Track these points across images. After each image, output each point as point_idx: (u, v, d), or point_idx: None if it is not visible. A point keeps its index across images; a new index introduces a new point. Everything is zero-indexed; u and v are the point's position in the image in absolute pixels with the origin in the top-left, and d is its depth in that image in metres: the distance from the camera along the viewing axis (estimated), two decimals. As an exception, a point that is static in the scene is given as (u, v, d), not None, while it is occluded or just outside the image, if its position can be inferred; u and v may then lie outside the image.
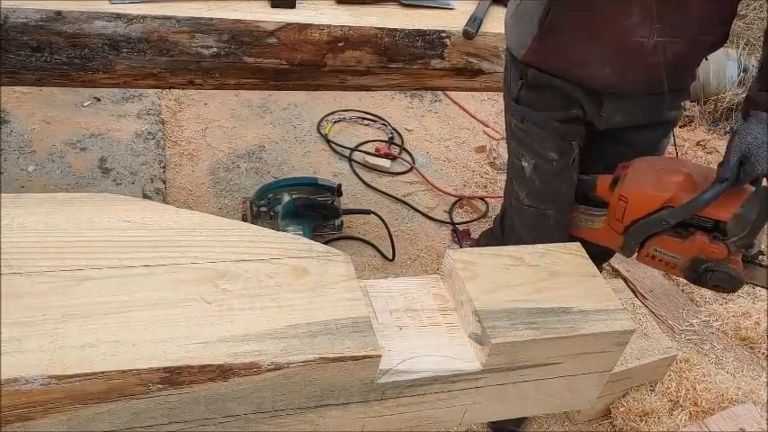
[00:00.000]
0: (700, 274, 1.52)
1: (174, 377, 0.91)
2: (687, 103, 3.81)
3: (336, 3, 2.18)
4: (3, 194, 1.12)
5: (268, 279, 1.08)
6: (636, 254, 1.64)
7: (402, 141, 3.55)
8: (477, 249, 1.32)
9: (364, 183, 3.23)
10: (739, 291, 1.56)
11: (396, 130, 3.60)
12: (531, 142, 1.73)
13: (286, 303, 1.04)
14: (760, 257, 1.54)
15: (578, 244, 1.36)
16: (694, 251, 1.52)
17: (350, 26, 2.07)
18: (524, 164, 1.75)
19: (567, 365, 1.20)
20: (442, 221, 3.13)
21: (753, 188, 1.50)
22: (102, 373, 0.88)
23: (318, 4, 2.15)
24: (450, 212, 3.17)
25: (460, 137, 3.70)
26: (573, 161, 1.71)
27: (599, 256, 1.77)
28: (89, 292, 0.98)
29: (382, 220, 2.93)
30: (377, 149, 3.42)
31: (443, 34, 2.15)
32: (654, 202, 1.54)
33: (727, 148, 1.50)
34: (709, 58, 2.29)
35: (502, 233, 1.94)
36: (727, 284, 1.51)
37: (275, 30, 2.02)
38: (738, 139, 1.46)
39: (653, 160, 1.64)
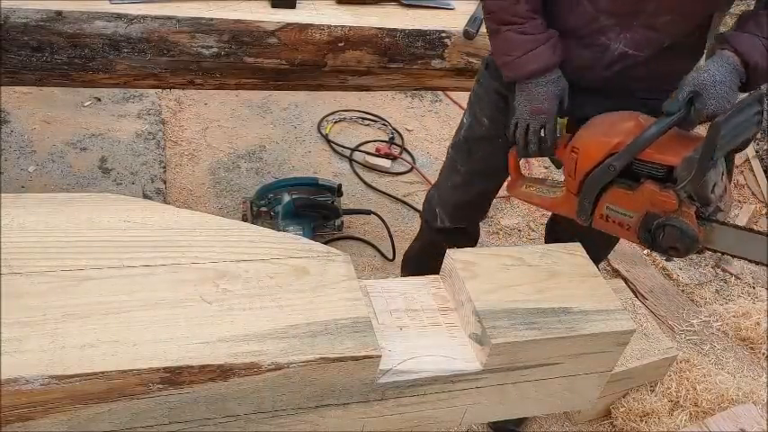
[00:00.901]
0: (652, 232, 1.39)
1: (174, 377, 0.91)
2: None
3: (336, 3, 2.18)
4: (3, 194, 1.12)
5: (268, 279, 1.08)
6: (591, 218, 1.53)
7: (402, 141, 3.54)
8: (477, 249, 1.32)
9: (364, 183, 3.23)
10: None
11: (396, 130, 3.60)
12: (476, 104, 1.80)
13: (286, 303, 1.04)
14: (719, 214, 1.37)
15: (578, 244, 1.36)
16: (645, 203, 1.38)
17: (350, 26, 2.07)
18: (464, 120, 1.85)
19: (567, 366, 1.20)
20: (442, 221, 3.13)
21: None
22: (102, 373, 0.88)
23: (318, 4, 2.15)
24: (450, 212, 3.17)
25: (461, 137, 3.70)
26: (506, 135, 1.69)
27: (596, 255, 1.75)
28: (89, 292, 0.98)
29: (382, 220, 2.93)
30: (377, 149, 3.42)
31: (444, 34, 2.15)
32: (602, 148, 1.43)
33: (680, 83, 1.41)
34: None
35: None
36: (679, 243, 1.36)
37: (275, 30, 2.02)
38: (693, 75, 1.35)
39: (610, 114, 1.52)
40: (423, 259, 2.31)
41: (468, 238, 2.14)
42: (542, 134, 1.54)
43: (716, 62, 1.34)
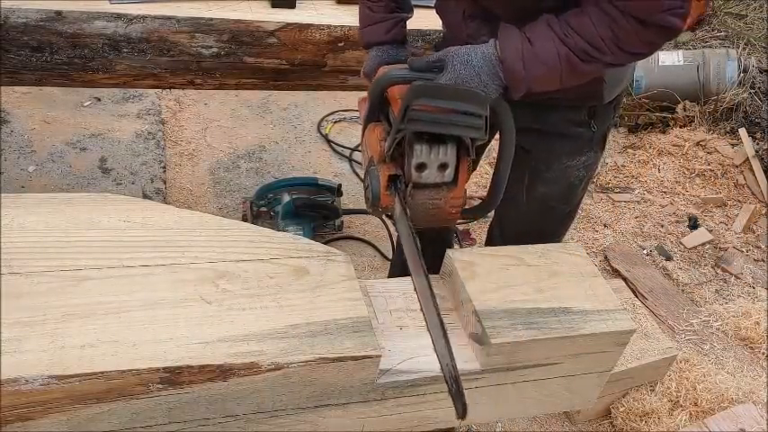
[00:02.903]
0: (365, 175, 1.34)
1: (174, 377, 0.91)
2: (687, 103, 3.81)
3: (336, 3, 2.18)
4: (3, 194, 1.12)
5: (268, 279, 1.08)
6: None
7: (402, 141, 3.55)
8: (477, 249, 1.32)
9: (364, 183, 3.23)
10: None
11: (396, 130, 3.60)
12: None
13: (286, 303, 1.04)
14: (415, 192, 1.26)
15: (578, 244, 1.36)
16: (372, 143, 1.33)
17: (350, 26, 2.07)
18: None
19: (566, 365, 1.20)
20: (442, 221, 3.12)
21: None
22: (102, 373, 0.88)
23: (318, 4, 2.15)
24: (450, 212, 3.17)
25: (460, 137, 3.69)
26: None
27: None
28: (89, 292, 0.98)
29: (382, 221, 2.93)
30: (377, 149, 3.42)
31: (443, 34, 2.15)
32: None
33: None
34: (710, 58, 2.26)
35: None
36: (369, 191, 1.31)
37: (275, 30, 2.02)
38: (453, 48, 1.27)
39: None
40: (395, 262, 2.30)
41: (432, 241, 2.09)
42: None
43: (479, 47, 1.26)
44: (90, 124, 3.23)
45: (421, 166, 1.22)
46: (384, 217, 2.93)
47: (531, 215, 1.80)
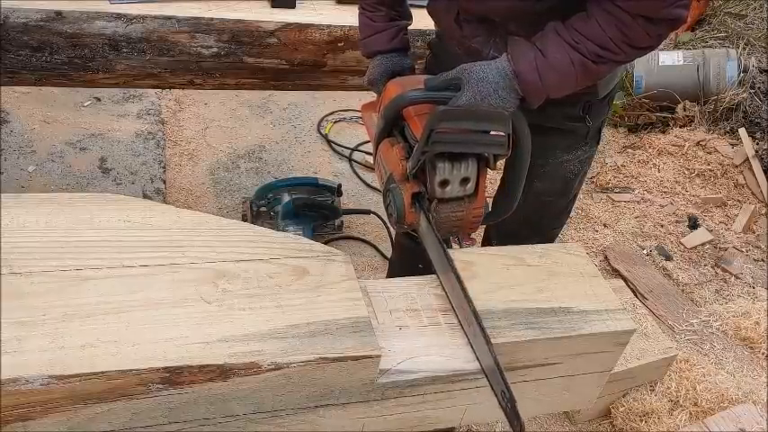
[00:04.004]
0: (385, 192, 1.37)
1: (174, 377, 0.91)
2: (687, 103, 3.81)
3: (336, 3, 2.18)
4: (3, 194, 1.12)
5: (268, 279, 1.08)
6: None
7: (402, 141, 3.55)
8: (477, 249, 1.32)
9: (364, 183, 3.23)
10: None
11: (396, 130, 3.60)
12: None
13: (286, 303, 1.04)
14: (437, 210, 1.30)
15: (578, 244, 1.36)
16: (393, 162, 1.34)
17: (350, 26, 2.07)
18: None
19: (566, 365, 1.20)
20: (442, 221, 3.12)
21: None
22: (102, 373, 0.88)
23: (318, 4, 2.15)
24: (450, 212, 3.17)
25: (460, 137, 3.69)
26: None
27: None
28: (89, 292, 0.98)
29: (382, 221, 2.92)
30: (377, 149, 3.42)
31: (443, 34, 2.15)
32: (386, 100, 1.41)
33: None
34: (710, 58, 2.25)
35: None
36: (392, 209, 1.34)
37: (275, 30, 2.02)
38: (467, 65, 1.28)
39: (406, 77, 1.52)
40: (394, 261, 2.30)
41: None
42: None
43: (492, 62, 1.28)
44: (90, 124, 3.23)
45: (444, 183, 1.26)
46: (383, 217, 2.93)
47: (528, 210, 1.82)
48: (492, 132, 1.23)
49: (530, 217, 1.84)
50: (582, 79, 1.28)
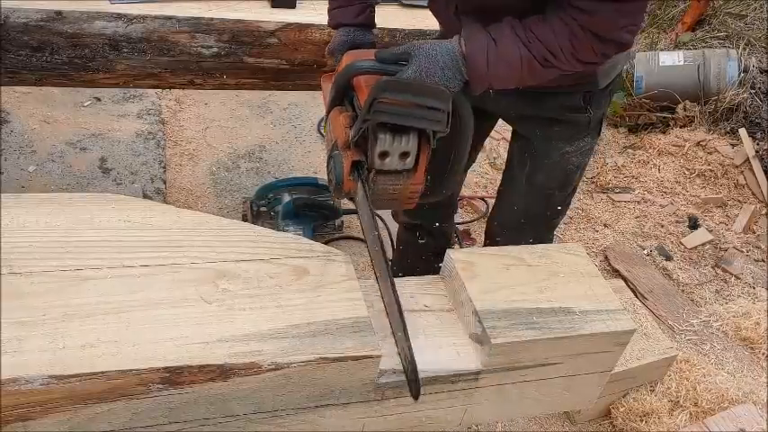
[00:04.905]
0: (329, 158, 1.38)
1: (174, 377, 0.91)
2: (687, 103, 3.81)
3: (336, 3, 2.17)
4: (3, 194, 1.12)
5: (268, 279, 1.08)
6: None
7: (402, 141, 3.54)
8: (477, 249, 1.32)
9: (364, 183, 3.23)
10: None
11: (396, 130, 3.60)
12: None
13: (286, 303, 1.04)
14: (374, 180, 1.30)
15: (578, 244, 1.36)
16: (338, 129, 1.35)
17: (350, 26, 2.06)
18: None
19: (567, 365, 1.20)
20: (442, 221, 3.12)
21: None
22: (102, 373, 0.88)
23: (318, 4, 2.15)
24: (450, 212, 3.17)
25: (461, 137, 3.69)
26: None
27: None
28: (89, 292, 0.98)
29: (382, 220, 2.92)
30: (377, 149, 3.42)
31: (443, 34, 2.15)
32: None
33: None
34: (710, 58, 2.23)
35: None
36: (332, 175, 1.35)
37: (275, 30, 2.02)
38: (420, 41, 1.32)
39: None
40: (396, 258, 2.31)
41: (430, 236, 2.12)
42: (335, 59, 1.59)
43: (443, 41, 1.30)
44: (90, 124, 3.22)
45: (384, 154, 1.26)
46: (384, 217, 2.93)
47: (531, 203, 1.84)
48: (430, 107, 1.23)
49: (532, 209, 1.85)
50: (527, 77, 1.31)
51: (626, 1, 1.23)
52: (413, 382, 1.06)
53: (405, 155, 1.28)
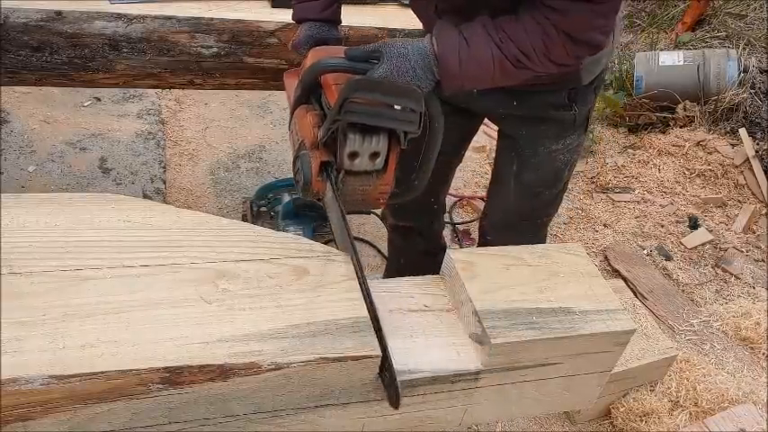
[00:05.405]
0: (295, 158, 1.35)
1: (174, 377, 0.91)
2: (687, 103, 3.81)
3: (336, 3, 2.17)
4: (3, 194, 1.12)
5: (268, 279, 1.08)
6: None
7: (402, 141, 3.54)
8: (477, 249, 1.32)
9: (364, 183, 3.23)
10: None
11: (396, 130, 3.60)
12: None
13: (286, 303, 1.04)
14: (347, 178, 1.29)
15: (578, 244, 1.36)
16: (305, 128, 1.32)
17: (350, 26, 2.07)
18: None
19: (567, 365, 1.20)
20: (442, 221, 3.12)
21: None
22: (102, 373, 0.88)
23: (318, 4, 2.15)
24: (450, 212, 3.17)
25: (461, 137, 3.69)
26: None
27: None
28: (89, 292, 0.98)
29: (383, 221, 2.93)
30: (377, 149, 3.41)
31: (443, 34, 2.14)
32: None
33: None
34: (710, 58, 2.21)
35: None
36: (300, 176, 1.32)
37: (275, 30, 2.02)
38: (392, 40, 1.29)
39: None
40: (389, 259, 2.31)
41: (420, 237, 2.13)
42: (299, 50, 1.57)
43: (415, 40, 1.28)
44: (90, 124, 3.23)
45: (353, 155, 1.25)
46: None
47: (520, 201, 1.83)
48: (400, 107, 1.21)
49: (521, 208, 1.84)
50: (499, 78, 1.29)
51: (600, 2, 1.21)
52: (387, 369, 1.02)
53: (375, 155, 1.26)
